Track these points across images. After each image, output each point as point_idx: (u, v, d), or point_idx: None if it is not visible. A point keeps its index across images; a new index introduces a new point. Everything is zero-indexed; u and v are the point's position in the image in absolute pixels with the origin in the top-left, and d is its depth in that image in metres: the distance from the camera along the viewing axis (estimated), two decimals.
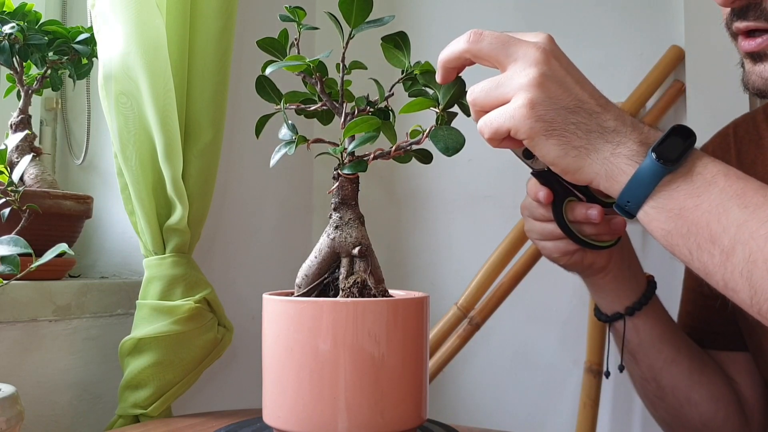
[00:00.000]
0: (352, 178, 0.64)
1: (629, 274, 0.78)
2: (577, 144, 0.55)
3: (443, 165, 1.33)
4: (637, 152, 0.55)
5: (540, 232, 0.74)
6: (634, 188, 0.54)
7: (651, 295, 0.79)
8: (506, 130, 0.56)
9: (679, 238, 0.54)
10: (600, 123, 0.55)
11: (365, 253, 0.63)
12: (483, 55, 0.58)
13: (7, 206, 0.76)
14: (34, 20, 0.93)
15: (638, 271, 0.80)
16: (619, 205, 0.56)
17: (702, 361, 0.82)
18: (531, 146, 0.56)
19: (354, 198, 0.64)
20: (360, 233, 0.63)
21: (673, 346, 0.80)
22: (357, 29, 0.61)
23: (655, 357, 0.80)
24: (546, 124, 0.55)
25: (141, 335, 0.87)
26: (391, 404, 0.59)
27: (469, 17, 1.31)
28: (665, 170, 0.53)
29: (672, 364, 0.80)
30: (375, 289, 0.63)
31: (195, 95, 0.93)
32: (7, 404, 0.55)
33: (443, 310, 1.09)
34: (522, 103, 0.55)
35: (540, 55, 0.56)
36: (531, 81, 0.55)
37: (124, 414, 0.88)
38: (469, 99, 0.59)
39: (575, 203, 0.69)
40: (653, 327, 0.79)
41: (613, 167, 0.55)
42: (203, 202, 0.94)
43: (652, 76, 1.11)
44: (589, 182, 0.57)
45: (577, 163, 0.55)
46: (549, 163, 0.57)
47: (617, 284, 0.78)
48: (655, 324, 0.79)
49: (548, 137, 0.55)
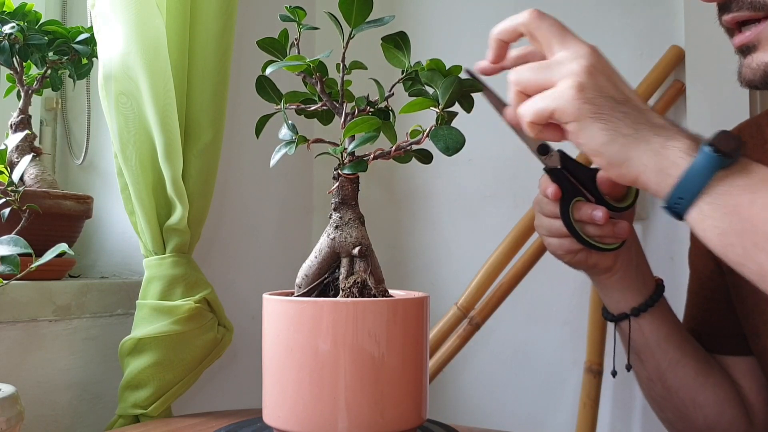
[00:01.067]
0: (352, 178, 0.64)
1: (636, 275, 0.78)
2: (625, 132, 0.53)
3: (443, 165, 1.33)
4: (690, 146, 0.52)
5: (548, 228, 0.74)
6: (689, 182, 0.51)
7: (658, 298, 0.79)
8: (551, 112, 0.55)
9: (734, 237, 0.51)
10: (648, 118, 0.54)
11: (365, 253, 0.63)
12: (539, 35, 0.58)
13: (7, 206, 0.76)
14: (34, 20, 0.93)
15: (646, 273, 0.79)
16: (668, 204, 0.54)
17: (708, 364, 0.82)
18: (576, 131, 0.54)
19: (354, 198, 0.64)
20: (360, 233, 0.63)
21: (678, 347, 0.80)
22: (357, 29, 0.61)
23: (660, 358, 0.80)
24: (594, 107, 0.53)
25: (141, 335, 0.87)
26: (391, 404, 0.59)
27: (469, 17, 1.31)
28: (722, 162, 0.51)
29: (678, 366, 0.80)
30: (375, 289, 0.63)
31: (195, 95, 0.93)
32: (7, 404, 0.55)
33: (443, 310, 1.09)
34: (571, 85, 0.54)
35: (590, 51, 0.56)
36: (581, 68, 0.54)
37: (124, 414, 0.88)
38: (512, 78, 0.58)
39: (582, 203, 0.69)
40: (659, 328, 0.79)
41: (665, 160, 0.52)
42: (203, 202, 0.94)
43: (652, 76, 1.11)
44: (635, 178, 0.54)
45: (625, 153, 0.53)
46: (592, 153, 0.55)
47: (623, 285, 0.78)
48: (661, 325, 0.79)
49: (595, 120, 0.53)
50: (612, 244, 0.72)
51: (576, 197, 0.70)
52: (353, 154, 0.62)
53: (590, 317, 1.12)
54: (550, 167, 0.70)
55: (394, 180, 1.37)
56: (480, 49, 1.43)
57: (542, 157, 0.70)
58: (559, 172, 0.70)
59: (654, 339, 0.79)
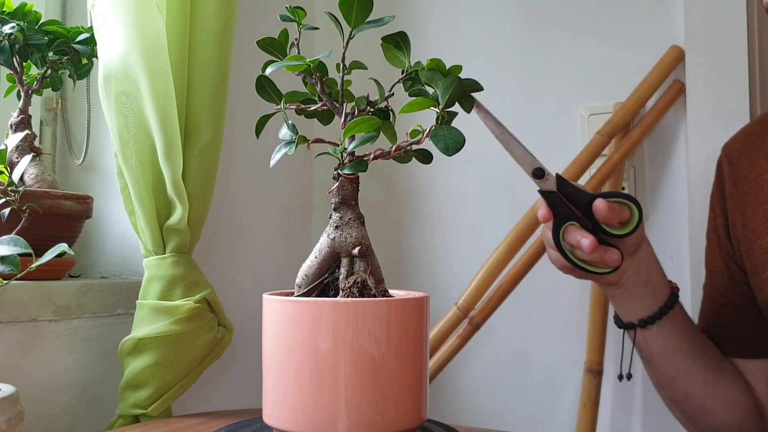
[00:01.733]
0: (352, 178, 0.64)
1: (645, 290, 0.77)
2: None
3: (443, 165, 1.33)
4: None
5: (547, 240, 0.75)
6: None
7: (668, 309, 0.78)
8: None
9: None
10: None
11: (365, 253, 0.63)
12: None
13: (7, 206, 0.76)
14: (34, 20, 0.93)
15: (659, 285, 0.78)
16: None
17: (719, 370, 0.81)
18: None
19: (354, 198, 0.64)
20: (360, 233, 0.63)
21: (688, 356, 0.79)
22: (357, 29, 0.61)
23: (668, 366, 0.79)
24: None
25: (141, 335, 0.87)
26: (391, 404, 0.58)
27: (469, 17, 1.31)
28: None
29: (686, 375, 0.79)
30: (375, 289, 0.63)
31: (195, 95, 0.93)
32: (7, 404, 0.55)
33: (443, 310, 1.09)
34: None
35: None
36: None
37: (124, 414, 0.88)
38: None
39: (573, 228, 0.70)
40: (667, 339, 0.78)
41: None
42: (203, 202, 0.94)
43: (652, 76, 1.11)
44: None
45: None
46: None
47: (630, 298, 0.77)
48: (670, 336, 0.78)
49: None
50: (604, 268, 0.72)
51: (570, 221, 0.71)
52: (353, 154, 0.62)
53: (590, 317, 1.12)
54: (545, 190, 0.71)
55: (394, 180, 1.37)
56: (480, 48, 1.43)
57: (537, 180, 0.71)
58: (553, 195, 0.71)
59: (661, 349, 0.79)
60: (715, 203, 0.87)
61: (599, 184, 1.09)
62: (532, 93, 1.24)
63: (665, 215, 1.14)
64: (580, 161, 1.09)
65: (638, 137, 1.11)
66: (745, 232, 0.80)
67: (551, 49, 1.23)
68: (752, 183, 0.81)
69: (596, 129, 1.11)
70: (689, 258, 1.10)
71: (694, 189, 1.08)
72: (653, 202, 1.15)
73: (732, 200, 0.83)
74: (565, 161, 1.10)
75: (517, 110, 1.25)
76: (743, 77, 1.05)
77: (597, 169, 1.10)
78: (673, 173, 1.13)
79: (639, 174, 1.15)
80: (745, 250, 0.80)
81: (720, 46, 1.07)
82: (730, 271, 0.84)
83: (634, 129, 1.12)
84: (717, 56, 1.07)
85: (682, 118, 1.12)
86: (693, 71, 1.09)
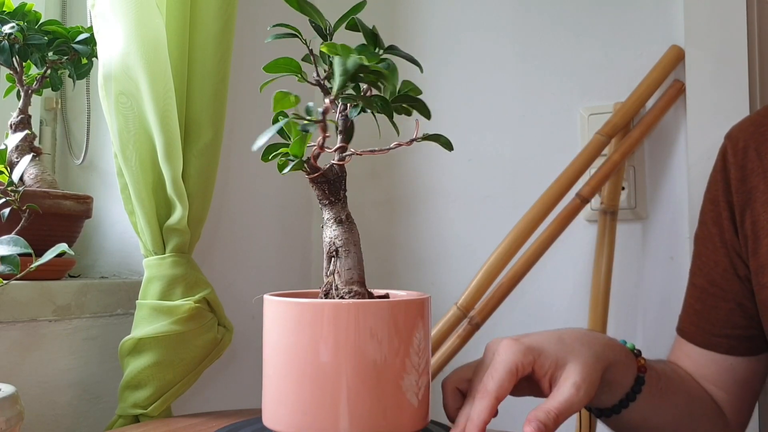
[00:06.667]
0: (317, 178, 0.63)
1: (601, 393, 0.72)
2: None
3: (443, 165, 1.33)
4: None
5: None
6: None
7: (627, 403, 0.74)
8: None
9: None
10: None
11: (332, 255, 0.62)
12: None
13: (7, 206, 0.76)
14: (34, 20, 0.93)
15: (617, 382, 0.73)
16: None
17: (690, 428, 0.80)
18: None
19: (327, 198, 0.63)
20: (333, 233, 0.62)
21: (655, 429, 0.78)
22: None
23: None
24: None
25: (141, 335, 0.87)
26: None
27: (468, 18, 1.31)
28: None
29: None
30: (343, 290, 0.61)
31: (195, 95, 0.93)
32: (7, 404, 0.55)
33: (443, 310, 1.09)
34: None
35: None
36: None
37: (124, 414, 0.88)
38: None
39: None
40: (646, 419, 0.76)
41: None
42: (203, 202, 0.93)
43: (652, 76, 1.11)
44: None
45: None
46: None
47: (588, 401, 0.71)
48: (628, 425, 0.77)
49: None
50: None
51: None
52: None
53: (590, 317, 1.12)
54: None
55: (393, 180, 1.37)
56: (480, 48, 1.43)
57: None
58: None
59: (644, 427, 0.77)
60: (719, 195, 0.84)
61: (599, 184, 1.09)
62: (532, 93, 1.24)
63: (665, 215, 1.14)
64: (580, 161, 1.09)
65: (638, 137, 1.11)
66: (754, 229, 0.78)
67: (551, 48, 1.23)
68: (761, 178, 0.79)
69: (596, 129, 1.11)
70: (689, 258, 1.10)
71: (694, 189, 1.08)
72: (653, 202, 1.15)
73: (739, 195, 0.81)
74: (564, 161, 1.10)
75: (517, 110, 1.25)
76: (743, 77, 1.05)
77: (597, 169, 1.10)
78: (673, 173, 1.13)
79: (639, 174, 1.15)
80: (752, 248, 0.78)
81: (720, 46, 1.07)
82: (735, 267, 0.82)
83: (634, 129, 1.12)
84: (717, 56, 1.07)
85: (682, 118, 1.12)
86: (693, 71, 1.09)
